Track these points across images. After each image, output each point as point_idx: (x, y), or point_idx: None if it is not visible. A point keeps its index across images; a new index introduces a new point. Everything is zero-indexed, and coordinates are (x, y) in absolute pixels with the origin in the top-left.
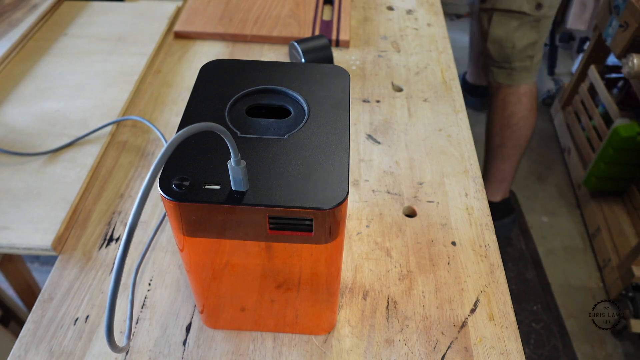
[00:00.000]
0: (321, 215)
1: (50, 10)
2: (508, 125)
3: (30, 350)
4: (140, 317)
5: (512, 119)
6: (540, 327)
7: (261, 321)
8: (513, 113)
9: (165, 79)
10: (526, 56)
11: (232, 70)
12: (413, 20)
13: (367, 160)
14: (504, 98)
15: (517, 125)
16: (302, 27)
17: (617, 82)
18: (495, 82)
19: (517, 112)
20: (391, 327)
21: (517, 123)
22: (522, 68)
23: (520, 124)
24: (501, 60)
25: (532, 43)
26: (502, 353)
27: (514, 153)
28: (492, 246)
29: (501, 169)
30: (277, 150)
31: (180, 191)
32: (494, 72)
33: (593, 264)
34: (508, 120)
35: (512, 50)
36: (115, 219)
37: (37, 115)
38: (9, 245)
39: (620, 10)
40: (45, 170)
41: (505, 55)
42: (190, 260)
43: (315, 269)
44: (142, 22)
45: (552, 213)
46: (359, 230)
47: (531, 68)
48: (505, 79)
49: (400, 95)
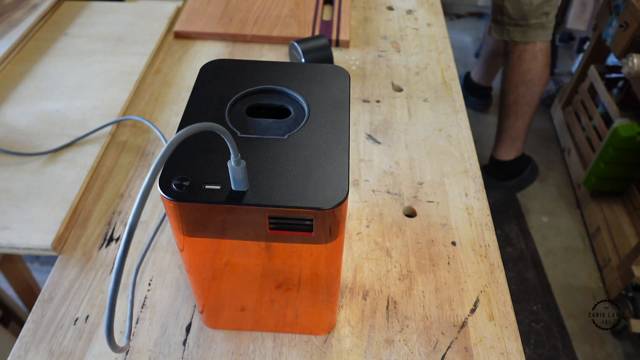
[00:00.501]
0: (321, 215)
1: (50, 10)
2: (523, 82)
3: (30, 350)
4: (140, 317)
5: (528, 75)
6: (540, 327)
7: (261, 321)
8: (529, 70)
9: (165, 79)
10: (542, 13)
11: (232, 70)
12: (413, 20)
13: (367, 160)
14: (520, 55)
15: (532, 81)
16: (302, 27)
17: (617, 82)
18: (512, 40)
19: (533, 68)
20: (391, 327)
21: (532, 79)
22: (538, 25)
23: (535, 80)
24: (518, 18)
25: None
26: (502, 353)
27: (528, 110)
28: (492, 246)
29: (515, 126)
30: (277, 150)
31: (180, 191)
32: (510, 30)
33: (593, 264)
34: (524, 76)
35: (530, 7)
36: (115, 219)
37: (37, 115)
38: (9, 245)
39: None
40: (45, 170)
41: (523, 13)
42: (190, 260)
43: (315, 269)
44: (142, 22)
45: (552, 213)
46: (359, 230)
47: (546, 25)
48: (521, 36)
49: (400, 95)
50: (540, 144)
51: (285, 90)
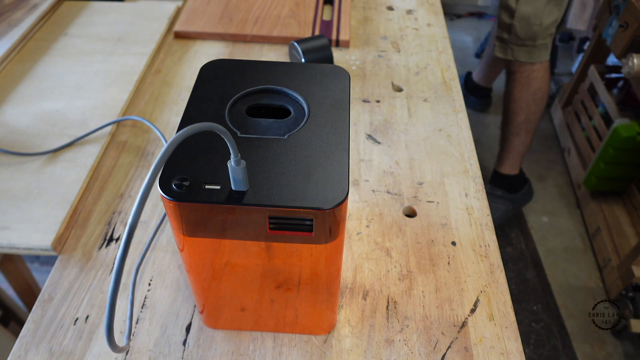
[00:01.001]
0: (321, 215)
1: (50, 10)
2: (534, 100)
3: (30, 350)
4: (140, 317)
5: (538, 94)
6: (540, 327)
7: (261, 321)
8: (539, 88)
9: (165, 79)
10: (548, 34)
11: (232, 70)
12: (413, 20)
13: (367, 160)
14: (529, 75)
15: (542, 99)
16: (302, 27)
17: (617, 82)
18: (517, 61)
19: (542, 86)
20: (391, 327)
21: (542, 97)
22: (543, 46)
23: (544, 97)
24: (526, 38)
25: (555, 21)
26: (502, 353)
27: (536, 124)
28: (492, 246)
29: (525, 142)
30: (277, 150)
31: (180, 191)
32: (515, 50)
33: (593, 264)
34: (534, 95)
35: (540, 28)
36: (115, 219)
37: (37, 115)
38: (9, 245)
39: (620, 10)
40: (45, 170)
41: (532, 33)
42: (190, 260)
43: (315, 269)
44: (142, 22)
45: (552, 213)
46: (359, 230)
47: (549, 45)
48: (527, 57)
49: (400, 95)
50: (540, 144)
51: (285, 90)
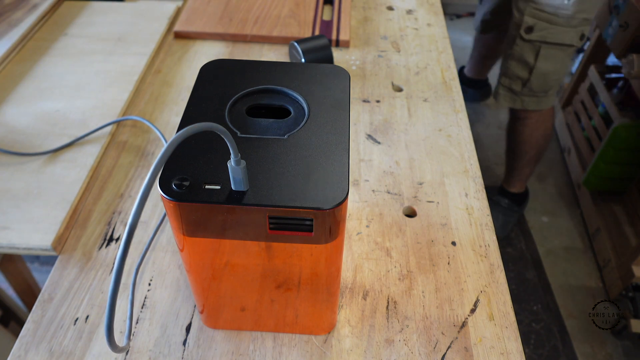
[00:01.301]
0: (321, 215)
1: (50, 10)
2: (544, 137)
3: (30, 350)
4: (140, 317)
5: (548, 131)
6: (540, 327)
7: (261, 321)
8: (548, 127)
9: (165, 79)
10: (559, 84)
11: (232, 70)
12: (413, 20)
13: (367, 160)
14: (538, 119)
15: (551, 134)
16: (302, 27)
17: (617, 82)
18: (525, 110)
19: (550, 125)
20: (391, 327)
21: (551, 133)
22: (552, 94)
23: (552, 132)
24: (539, 91)
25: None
26: (502, 353)
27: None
28: (492, 246)
29: (534, 168)
30: (277, 150)
31: (180, 191)
32: (525, 100)
33: (593, 264)
34: (545, 133)
35: (556, 82)
36: (115, 219)
37: (37, 115)
38: (9, 245)
39: (620, 10)
40: (45, 170)
41: (547, 87)
42: (190, 260)
43: (315, 269)
44: (142, 22)
45: (552, 213)
46: (359, 230)
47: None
48: (536, 105)
49: (400, 95)
50: None
51: (285, 90)
